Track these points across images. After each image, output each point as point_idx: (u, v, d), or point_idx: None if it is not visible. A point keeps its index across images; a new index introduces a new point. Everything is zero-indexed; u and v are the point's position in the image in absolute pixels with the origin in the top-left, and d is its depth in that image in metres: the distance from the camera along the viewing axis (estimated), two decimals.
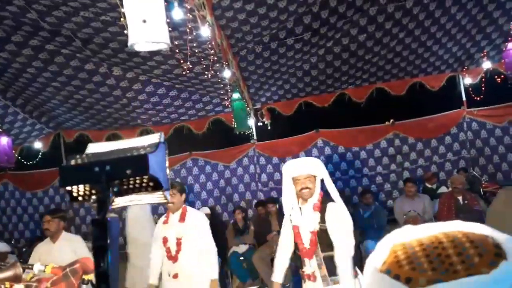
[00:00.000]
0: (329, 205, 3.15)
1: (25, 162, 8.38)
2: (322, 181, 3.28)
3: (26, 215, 8.73)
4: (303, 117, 8.30)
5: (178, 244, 3.87)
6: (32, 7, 4.57)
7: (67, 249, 4.07)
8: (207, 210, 6.01)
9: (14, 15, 4.84)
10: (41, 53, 5.78)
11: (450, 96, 8.19)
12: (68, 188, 1.07)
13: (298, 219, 3.18)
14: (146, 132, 8.32)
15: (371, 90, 7.79)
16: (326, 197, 3.22)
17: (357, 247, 4.09)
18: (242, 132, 7.66)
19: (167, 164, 1.10)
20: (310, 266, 3.09)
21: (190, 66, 4.93)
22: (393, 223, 6.35)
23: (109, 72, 6.40)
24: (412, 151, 8.11)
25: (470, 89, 7.84)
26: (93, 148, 1.16)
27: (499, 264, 0.56)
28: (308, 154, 8.04)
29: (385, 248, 0.64)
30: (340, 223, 3.10)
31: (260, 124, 8.24)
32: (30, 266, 2.30)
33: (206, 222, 3.95)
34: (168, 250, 3.93)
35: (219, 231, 6.44)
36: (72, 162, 1.09)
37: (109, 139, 8.39)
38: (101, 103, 7.24)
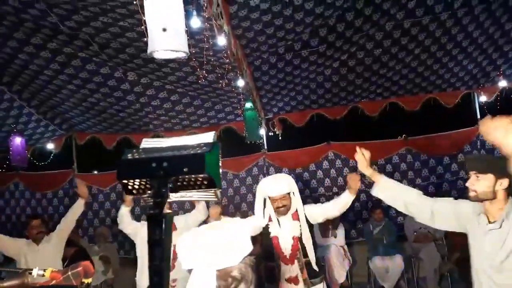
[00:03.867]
0: (307, 208, 3.53)
1: (37, 163, 8.45)
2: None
3: None
4: (315, 129, 8.27)
5: (174, 252, 3.90)
6: (53, 11, 4.63)
7: (50, 250, 4.38)
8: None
9: (35, 18, 4.91)
10: (59, 56, 5.85)
11: (464, 113, 8.12)
12: (124, 181, 1.09)
13: (277, 230, 3.46)
14: (158, 137, 8.35)
15: (384, 104, 7.75)
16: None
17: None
18: (252, 142, 7.66)
19: (220, 164, 1.13)
20: (293, 270, 3.39)
21: (206, 74, 4.94)
22: (403, 240, 6.28)
23: (124, 77, 6.45)
24: (424, 168, 8.02)
25: (485, 107, 7.75)
26: (147, 143, 1.19)
27: None
28: (319, 166, 8.01)
29: None
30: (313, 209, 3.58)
31: (271, 134, 8.23)
32: (29, 271, 2.27)
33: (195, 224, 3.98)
34: None
35: None
36: (129, 156, 1.11)
37: (120, 143, 8.44)
38: (114, 107, 7.30)
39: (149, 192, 1.09)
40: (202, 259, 1.38)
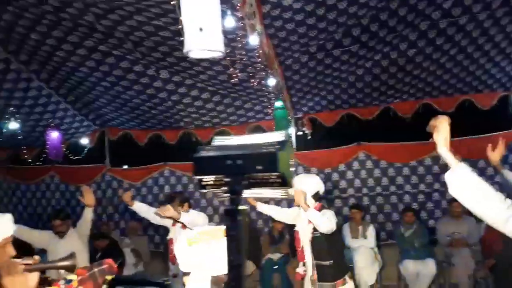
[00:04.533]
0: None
1: (71, 157, 8.71)
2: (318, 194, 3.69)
3: (69, 208, 9.04)
4: (345, 129, 8.18)
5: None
6: (90, 10, 4.76)
7: (73, 244, 4.47)
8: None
9: (73, 17, 5.06)
10: (94, 53, 6.00)
11: (501, 116, 7.84)
12: (199, 177, 1.14)
13: (300, 226, 3.63)
14: (188, 134, 8.47)
15: (417, 105, 7.58)
16: (323, 209, 3.59)
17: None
18: None
19: (292, 162, 1.16)
20: (304, 267, 3.54)
21: (239, 73, 4.97)
22: (435, 244, 6.14)
23: (157, 75, 6.56)
24: None
25: None
26: (219, 141, 1.24)
27: None
28: (349, 166, 7.92)
29: None
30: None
31: (300, 133, 8.19)
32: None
33: (202, 221, 4.05)
34: (170, 252, 4.17)
35: (252, 237, 6.45)
36: (203, 153, 1.16)
37: (151, 139, 8.59)
38: (147, 104, 7.43)
39: (223, 188, 1.12)
40: (197, 265, 1.48)
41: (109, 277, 2.14)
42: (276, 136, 1.16)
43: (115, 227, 8.53)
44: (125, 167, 9.73)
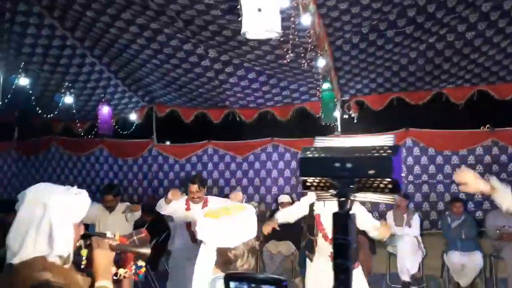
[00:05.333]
0: None
1: (120, 131, 9.01)
2: None
3: (117, 180, 9.41)
4: (393, 113, 7.96)
5: None
6: None
7: (120, 219, 4.66)
8: (287, 198, 6.02)
9: None
10: (146, 31, 6.11)
11: None
12: (304, 178, 1.13)
13: (320, 208, 3.66)
14: (232, 114, 8.54)
15: (472, 91, 7.23)
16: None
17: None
18: (327, 123, 7.54)
19: (403, 168, 1.13)
20: (329, 247, 3.52)
21: (292, 54, 4.90)
22: (483, 237, 5.92)
23: (205, 54, 6.60)
24: None
25: None
26: (321, 141, 1.22)
27: None
28: None
29: None
30: (362, 213, 3.63)
31: (345, 116, 8.04)
32: (102, 234, 2.42)
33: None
34: (192, 234, 4.09)
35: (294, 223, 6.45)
36: (308, 154, 1.14)
37: (197, 117, 8.73)
38: (194, 82, 7.53)
39: (330, 190, 1.09)
40: (208, 236, 1.65)
41: (140, 263, 2.11)
42: (385, 140, 1.12)
43: None
44: (167, 143, 9.95)
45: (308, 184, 1.13)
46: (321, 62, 5.39)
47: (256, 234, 1.73)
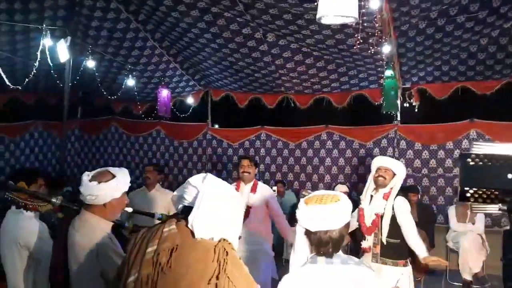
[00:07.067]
0: (398, 198, 3.61)
1: (178, 114, 9.21)
2: None
3: (172, 161, 9.67)
4: (457, 103, 7.55)
5: (247, 211, 4.04)
6: None
7: (159, 199, 4.53)
8: (344, 187, 5.90)
9: None
10: (206, 15, 6.14)
11: None
12: (466, 188, 1.02)
13: (365, 203, 3.73)
14: (287, 99, 8.46)
15: None
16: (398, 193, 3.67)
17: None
18: (387, 112, 7.29)
19: None
20: (368, 241, 3.64)
21: (360, 40, 4.74)
22: None
23: (263, 38, 6.55)
24: None
25: None
26: (479, 147, 1.10)
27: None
28: (458, 145, 7.34)
29: None
30: (407, 213, 3.59)
31: (406, 105, 7.73)
32: (151, 214, 2.47)
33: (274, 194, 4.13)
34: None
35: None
36: (470, 162, 1.04)
37: (251, 102, 8.73)
38: (251, 67, 7.51)
39: (493, 203, 0.99)
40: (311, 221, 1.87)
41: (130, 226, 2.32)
42: None
43: None
44: (216, 126, 10.02)
45: (468, 195, 1.02)
46: (386, 48, 5.18)
47: (348, 221, 1.88)
